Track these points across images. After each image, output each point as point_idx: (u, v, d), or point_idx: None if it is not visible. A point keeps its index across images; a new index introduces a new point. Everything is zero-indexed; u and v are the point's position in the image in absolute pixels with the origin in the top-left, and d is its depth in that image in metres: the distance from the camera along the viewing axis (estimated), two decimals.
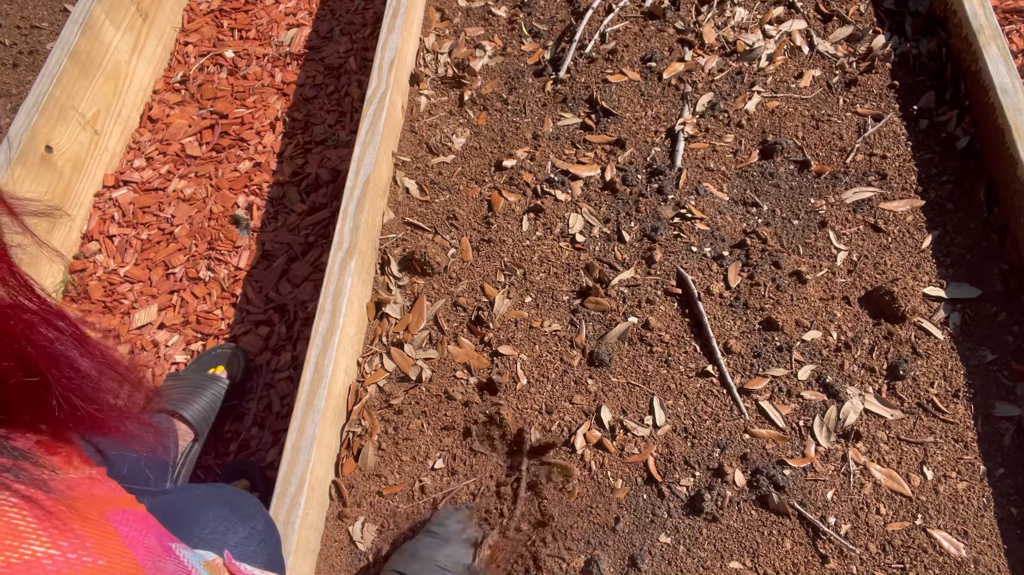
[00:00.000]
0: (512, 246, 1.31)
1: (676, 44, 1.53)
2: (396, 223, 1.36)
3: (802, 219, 1.29)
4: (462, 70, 1.53)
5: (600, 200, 1.35)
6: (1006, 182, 1.23)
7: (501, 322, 1.23)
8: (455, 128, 1.47)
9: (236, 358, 1.31)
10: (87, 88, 1.51)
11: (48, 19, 1.83)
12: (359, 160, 1.29)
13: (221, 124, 1.64)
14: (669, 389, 1.15)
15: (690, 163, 1.37)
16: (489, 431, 1.12)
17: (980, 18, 1.34)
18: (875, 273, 1.22)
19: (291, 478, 1.01)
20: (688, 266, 1.26)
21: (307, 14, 1.81)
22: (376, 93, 1.38)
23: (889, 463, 1.07)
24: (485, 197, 1.38)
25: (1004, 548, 1.01)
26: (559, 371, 1.18)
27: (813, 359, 1.16)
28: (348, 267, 1.18)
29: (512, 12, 1.63)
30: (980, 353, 1.14)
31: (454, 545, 0.97)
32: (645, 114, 1.44)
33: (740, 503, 1.06)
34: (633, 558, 1.02)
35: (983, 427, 1.09)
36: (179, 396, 1.24)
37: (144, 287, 1.45)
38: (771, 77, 1.46)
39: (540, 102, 1.48)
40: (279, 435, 1.28)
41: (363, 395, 1.18)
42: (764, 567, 1.01)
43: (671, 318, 1.21)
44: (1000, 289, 1.19)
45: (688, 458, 1.09)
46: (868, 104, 1.40)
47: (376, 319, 1.26)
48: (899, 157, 1.33)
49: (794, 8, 1.55)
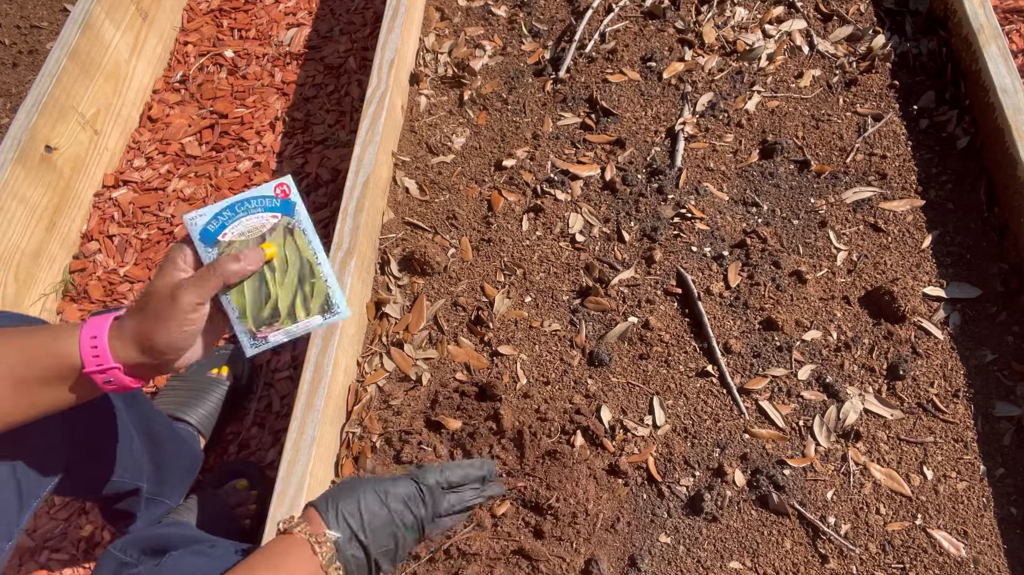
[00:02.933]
0: (512, 246, 1.31)
1: (676, 44, 1.53)
2: (396, 223, 1.36)
3: (802, 219, 1.29)
4: (462, 70, 1.53)
5: (600, 200, 1.35)
6: (1006, 182, 1.23)
7: (501, 322, 1.23)
8: (455, 128, 1.47)
9: (240, 360, 1.31)
10: (87, 88, 1.51)
11: (48, 19, 1.83)
12: (359, 160, 1.29)
13: (221, 124, 1.64)
14: (669, 389, 1.15)
15: (690, 163, 1.37)
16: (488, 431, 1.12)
17: (980, 18, 1.34)
18: (875, 273, 1.22)
19: (291, 478, 1.01)
20: (688, 266, 1.26)
21: (307, 14, 1.81)
22: (376, 93, 1.38)
23: (889, 463, 1.07)
24: (485, 197, 1.38)
25: (1004, 548, 1.01)
26: (559, 371, 1.18)
27: (813, 359, 1.16)
28: (348, 267, 1.18)
29: (512, 12, 1.63)
30: (980, 353, 1.14)
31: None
32: (645, 114, 1.44)
33: (740, 503, 1.06)
34: (633, 558, 1.02)
35: (983, 427, 1.09)
36: (183, 400, 1.24)
37: (144, 287, 1.45)
38: (771, 77, 1.46)
39: (540, 102, 1.48)
40: (279, 435, 1.28)
41: (363, 395, 1.18)
42: (764, 567, 1.01)
43: (671, 318, 1.21)
44: (1000, 289, 1.19)
45: (688, 458, 1.09)
46: (868, 104, 1.40)
47: (376, 319, 1.26)
48: (899, 157, 1.33)
49: (794, 8, 1.55)
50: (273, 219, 0.76)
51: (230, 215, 0.74)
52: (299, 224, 0.76)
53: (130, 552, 0.93)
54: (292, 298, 0.75)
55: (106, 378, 0.68)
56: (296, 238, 0.76)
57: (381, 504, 0.77)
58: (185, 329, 0.68)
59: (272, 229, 0.75)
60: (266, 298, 0.75)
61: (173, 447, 1.11)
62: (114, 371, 0.67)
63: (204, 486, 1.20)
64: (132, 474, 1.01)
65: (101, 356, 0.67)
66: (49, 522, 1.24)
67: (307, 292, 0.76)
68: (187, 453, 1.15)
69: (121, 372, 0.68)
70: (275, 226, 0.76)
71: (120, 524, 1.11)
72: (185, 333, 0.68)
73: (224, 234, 0.74)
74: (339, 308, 0.77)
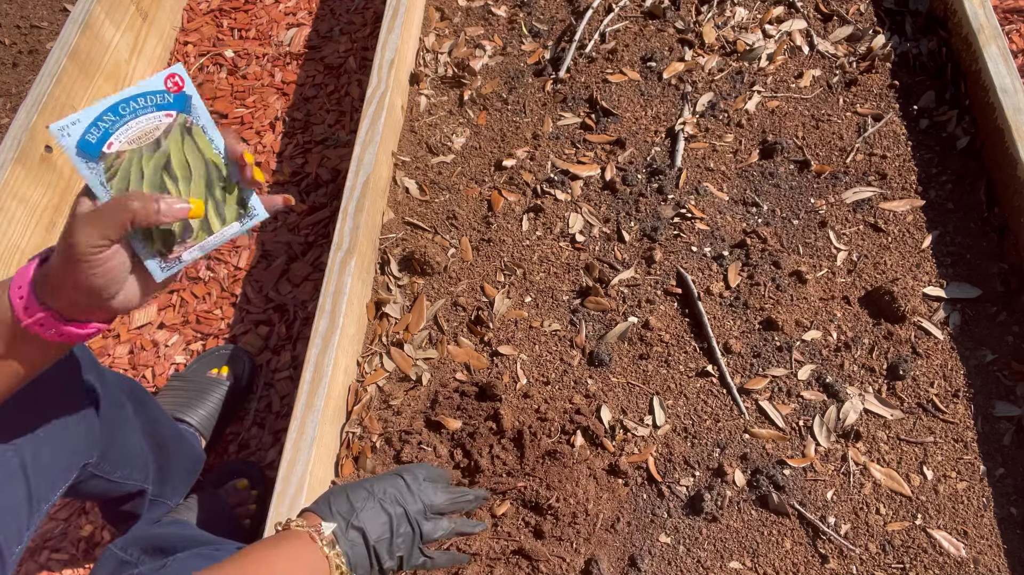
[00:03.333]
0: (512, 246, 1.31)
1: (676, 44, 1.53)
2: (396, 223, 1.36)
3: (802, 219, 1.29)
4: (462, 70, 1.53)
5: (600, 200, 1.35)
6: (1006, 182, 1.23)
7: (501, 322, 1.23)
8: (455, 128, 1.47)
9: (240, 360, 1.31)
10: (87, 88, 1.51)
11: (48, 19, 1.83)
12: (359, 160, 1.29)
13: (221, 124, 1.64)
14: (669, 389, 1.15)
15: (690, 163, 1.37)
16: (488, 431, 1.12)
17: (980, 18, 1.34)
18: (875, 273, 1.22)
19: (291, 478, 1.01)
20: (688, 266, 1.26)
21: (307, 14, 1.81)
22: (376, 93, 1.38)
23: (889, 463, 1.07)
24: (485, 197, 1.38)
25: (1004, 548, 1.01)
26: (559, 371, 1.18)
27: (813, 359, 1.16)
28: (348, 267, 1.18)
29: (512, 12, 1.63)
30: (980, 353, 1.14)
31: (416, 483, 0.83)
32: (645, 114, 1.44)
33: (740, 503, 1.06)
34: (633, 558, 1.02)
35: (983, 427, 1.09)
36: (183, 400, 1.24)
37: None
38: (771, 77, 1.46)
39: (540, 102, 1.48)
40: (279, 435, 1.28)
41: (363, 395, 1.18)
42: (764, 567, 1.01)
43: (671, 318, 1.21)
44: (1000, 289, 1.19)
45: (688, 458, 1.09)
46: (868, 104, 1.40)
47: (376, 319, 1.26)
48: (899, 157, 1.33)
49: (794, 8, 1.55)
50: (167, 119, 0.63)
51: (114, 119, 0.61)
52: (197, 120, 0.64)
53: (130, 551, 0.93)
54: (203, 208, 0.65)
55: (46, 329, 0.61)
56: (196, 138, 0.65)
57: (368, 495, 0.77)
58: (93, 273, 0.58)
59: (167, 131, 0.63)
60: None
61: (177, 449, 1.11)
62: (48, 320, 0.60)
63: (204, 485, 1.20)
64: (139, 476, 1.01)
65: (30, 306, 0.60)
66: (49, 522, 1.24)
67: (218, 198, 0.66)
68: (190, 455, 1.15)
69: (56, 319, 0.61)
70: (170, 127, 0.63)
71: (122, 525, 1.11)
72: (96, 277, 0.59)
73: (109, 143, 0.61)
74: (256, 209, 0.68)
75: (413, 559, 0.78)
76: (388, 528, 0.75)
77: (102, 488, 0.96)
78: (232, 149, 0.65)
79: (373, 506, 0.76)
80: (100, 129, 0.60)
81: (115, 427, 0.93)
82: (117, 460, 0.95)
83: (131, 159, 0.62)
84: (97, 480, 0.93)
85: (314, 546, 0.70)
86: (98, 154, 0.60)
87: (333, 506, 0.75)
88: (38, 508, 0.79)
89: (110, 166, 0.61)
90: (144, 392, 1.06)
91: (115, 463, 0.94)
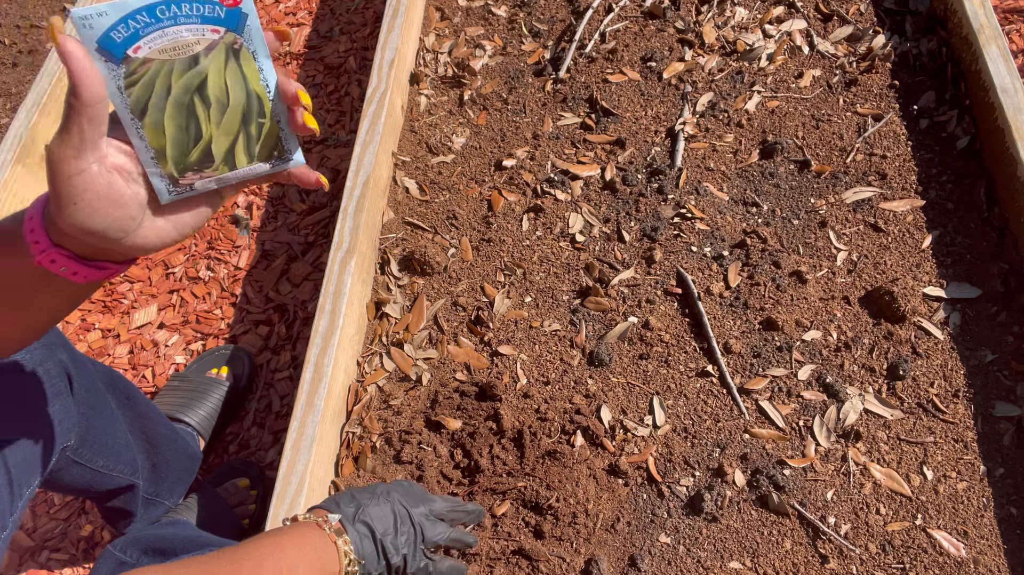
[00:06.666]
0: (512, 246, 1.31)
1: (676, 44, 1.53)
2: (396, 223, 1.36)
3: (802, 219, 1.29)
4: (462, 70, 1.53)
5: (600, 200, 1.35)
6: (1006, 182, 1.23)
7: (501, 322, 1.23)
8: (455, 128, 1.47)
9: (241, 361, 1.31)
10: None
11: (48, 18, 1.83)
12: (359, 160, 1.29)
13: None
14: (669, 389, 1.15)
15: (690, 163, 1.37)
16: (488, 431, 1.12)
17: (980, 18, 1.34)
18: (875, 273, 1.22)
19: (291, 478, 1.01)
20: (688, 266, 1.26)
21: (307, 13, 1.81)
22: (376, 93, 1.38)
23: (889, 463, 1.07)
24: (485, 197, 1.38)
25: (1004, 548, 1.01)
26: (559, 371, 1.18)
27: (813, 359, 1.16)
28: (348, 267, 1.18)
29: (512, 12, 1.63)
30: (980, 353, 1.14)
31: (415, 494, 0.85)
32: (645, 114, 1.44)
33: (740, 503, 1.06)
34: (633, 558, 1.02)
35: (983, 427, 1.09)
36: (183, 400, 1.24)
37: (144, 286, 1.45)
38: (771, 77, 1.46)
39: (540, 102, 1.48)
40: (279, 435, 1.28)
41: (363, 395, 1.18)
42: (764, 567, 1.01)
43: (671, 318, 1.21)
44: (1000, 289, 1.19)
45: (688, 458, 1.09)
46: (868, 104, 1.40)
47: (376, 319, 1.26)
48: (899, 157, 1.33)
49: (794, 8, 1.55)
50: (213, 34, 0.53)
51: (149, 21, 0.51)
52: (248, 44, 0.55)
53: (130, 552, 0.93)
54: (232, 141, 0.57)
55: (60, 266, 0.54)
56: (243, 63, 0.55)
57: (373, 495, 0.79)
58: (76, 203, 0.50)
59: (210, 48, 0.54)
60: (195, 138, 0.56)
61: (171, 447, 1.11)
62: (58, 256, 0.54)
63: (204, 485, 1.20)
64: (125, 469, 1.00)
65: (41, 242, 0.54)
66: (49, 522, 1.24)
67: (252, 133, 0.58)
68: (185, 453, 1.15)
69: (69, 258, 0.54)
70: (214, 44, 0.54)
71: (119, 523, 1.11)
72: (82, 206, 0.50)
73: (136, 47, 0.51)
74: (291, 154, 0.60)
75: (416, 560, 0.79)
76: (393, 524, 0.77)
77: (86, 478, 0.96)
78: (285, 86, 0.57)
79: (379, 503, 0.78)
80: (130, 28, 0.51)
81: (93, 411, 0.92)
82: (98, 447, 0.94)
83: (158, 70, 0.53)
84: (79, 468, 0.93)
85: (322, 532, 0.71)
86: (121, 56, 0.51)
87: (340, 503, 0.77)
88: (19, 493, 0.78)
89: (132, 71, 0.52)
90: (132, 387, 1.05)
91: (95, 450, 0.94)
